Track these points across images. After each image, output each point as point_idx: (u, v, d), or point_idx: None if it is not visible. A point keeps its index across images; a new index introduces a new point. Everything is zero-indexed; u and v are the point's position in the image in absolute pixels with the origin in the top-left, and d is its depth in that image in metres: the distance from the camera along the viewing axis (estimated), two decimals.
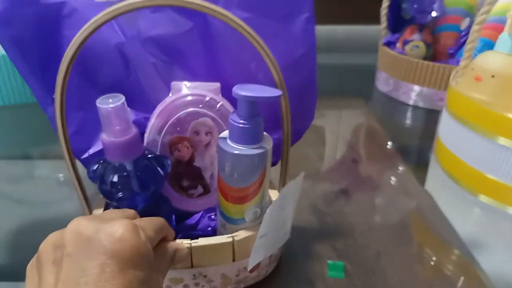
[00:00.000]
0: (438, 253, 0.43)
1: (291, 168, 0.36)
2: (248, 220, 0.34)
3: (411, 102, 0.77)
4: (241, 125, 0.30)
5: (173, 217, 0.36)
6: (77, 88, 0.35)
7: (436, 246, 0.45)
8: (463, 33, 0.74)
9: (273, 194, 0.38)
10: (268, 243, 0.34)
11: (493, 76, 0.48)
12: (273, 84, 0.32)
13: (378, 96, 0.83)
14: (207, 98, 0.35)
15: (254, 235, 0.32)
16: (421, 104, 0.76)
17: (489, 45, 0.69)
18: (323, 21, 1.14)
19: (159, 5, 0.31)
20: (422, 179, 0.56)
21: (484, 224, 0.50)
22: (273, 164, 0.37)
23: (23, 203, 0.50)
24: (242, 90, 0.29)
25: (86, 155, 0.37)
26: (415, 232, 0.47)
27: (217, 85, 0.36)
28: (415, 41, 0.73)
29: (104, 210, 0.36)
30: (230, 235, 0.33)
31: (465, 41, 0.75)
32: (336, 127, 0.71)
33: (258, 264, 0.36)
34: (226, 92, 0.35)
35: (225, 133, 0.32)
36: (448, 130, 0.55)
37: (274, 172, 0.35)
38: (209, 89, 0.35)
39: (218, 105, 0.35)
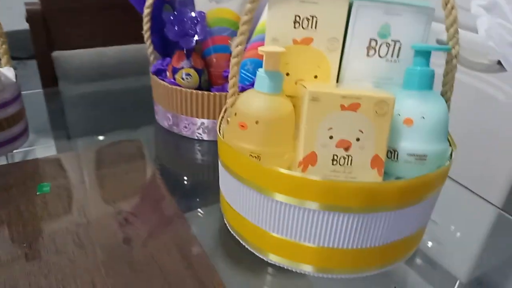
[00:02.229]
0: None
1: None
2: None
3: (196, 137, 0.67)
4: None
5: None
6: None
7: None
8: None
9: None
10: None
11: (257, 122, 0.40)
12: None
13: (159, 132, 0.71)
14: None
15: None
16: (205, 137, 0.67)
17: (260, 64, 0.64)
18: (91, 43, 0.97)
19: None
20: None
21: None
22: None
23: None
24: None
25: None
26: None
27: None
28: (185, 68, 0.63)
29: None
30: None
31: None
32: (109, 177, 0.56)
33: None
34: None
35: None
36: (226, 185, 0.46)
37: None
38: None
39: None
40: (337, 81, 0.45)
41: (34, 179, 0.57)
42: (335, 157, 0.39)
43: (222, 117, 0.48)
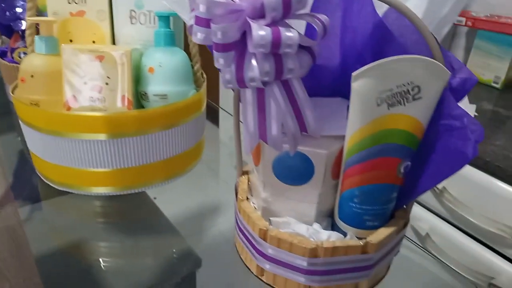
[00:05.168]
0: None
1: None
2: None
3: None
4: None
5: None
6: None
7: None
8: None
9: None
10: None
11: (32, 76, 0.51)
12: None
13: (9, 106, 0.79)
14: None
15: None
16: None
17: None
18: None
19: None
20: None
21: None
22: None
23: None
24: None
25: None
26: None
27: None
28: (21, 48, 0.73)
29: None
30: None
31: None
32: None
33: None
34: None
35: None
36: (27, 136, 0.56)
37: None
38: None
39: None
40: (114, 44, 0.57)
41: None
42: (92, 98, 0.50)
43: None
